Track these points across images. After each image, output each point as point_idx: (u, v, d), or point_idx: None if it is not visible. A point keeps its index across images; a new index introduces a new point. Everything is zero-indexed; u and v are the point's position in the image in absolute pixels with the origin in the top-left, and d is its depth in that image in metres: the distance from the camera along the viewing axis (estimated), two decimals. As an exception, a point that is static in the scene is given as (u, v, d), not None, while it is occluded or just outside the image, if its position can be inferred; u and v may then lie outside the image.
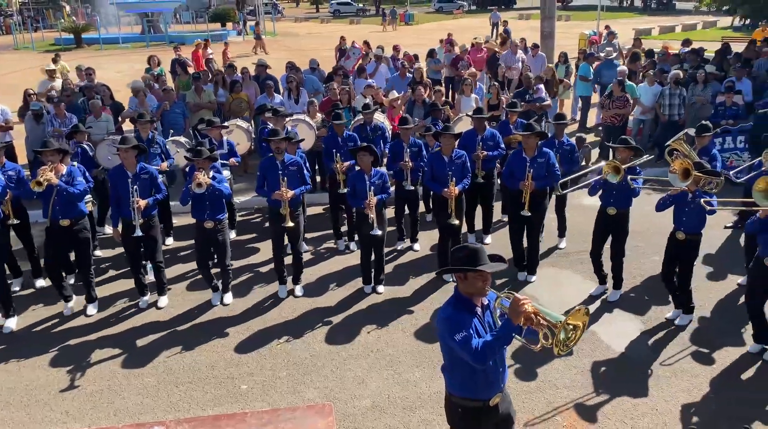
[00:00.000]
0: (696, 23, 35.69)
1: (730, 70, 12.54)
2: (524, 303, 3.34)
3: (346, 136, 8.42)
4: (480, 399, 3.73)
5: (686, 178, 5.96)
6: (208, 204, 6.83)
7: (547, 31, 16.94)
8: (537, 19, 17.94)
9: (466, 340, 3.42)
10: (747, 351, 6.01)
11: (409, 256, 8.41)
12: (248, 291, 7.56)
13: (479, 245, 3.62)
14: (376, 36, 31.46)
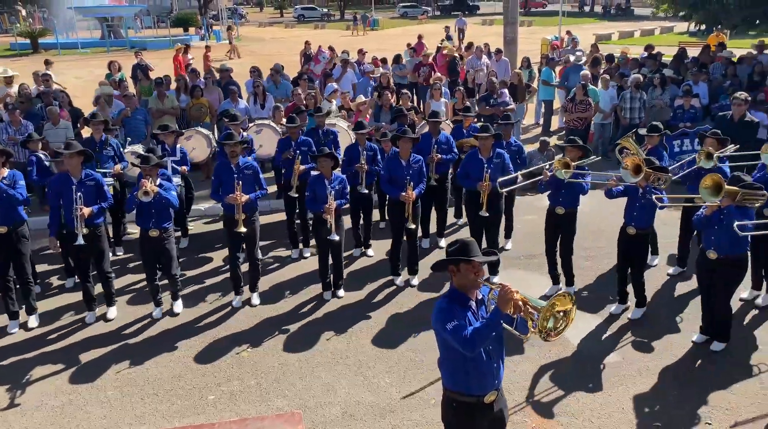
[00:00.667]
0: (654, 28, 36.66)
1: (687, 74, 12.88)
2: (513, 291, 3.40)
3: (300, 140, 8.36)
4: (474, 395, 3.72)
5: (637, 174, 6.12)
6: (153, 212, 6.66)
7: (510, 36, 17.16)
8: (500, 25, 18.17)
9: (457, 328, 3.47)
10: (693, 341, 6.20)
11: (363, 261, 8.38)
12: (206, 299, 7.44)
13: (471, 239, 3.70)
14: (344, 41, 31.43)
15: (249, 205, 7.02)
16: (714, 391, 5.50)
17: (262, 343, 6.49)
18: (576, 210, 6.93)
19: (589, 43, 22.72)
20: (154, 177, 6.66)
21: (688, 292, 7.16)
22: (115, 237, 8.75)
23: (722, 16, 13.07)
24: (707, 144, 6.94)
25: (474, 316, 3.63)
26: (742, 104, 9.05)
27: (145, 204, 6.56)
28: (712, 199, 5.56)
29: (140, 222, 6.79)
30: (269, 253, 8.70)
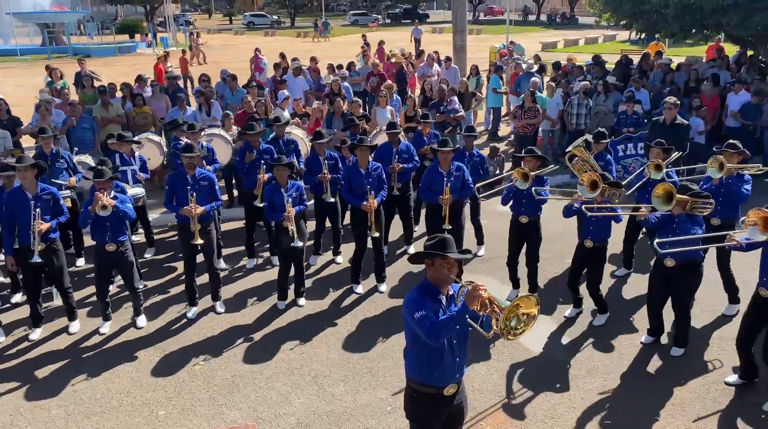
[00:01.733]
0: (597, 37, 37.83)
1: (630, 81, 13.31)
2: (481, 289, 3.53)
3: (262, 148, 8.28)
4: (434, 386, 3.86)
5: (594, 190, 6.25)
6: (109, 225, 6.47)
7: (459, 44, 17.44)
8: (450, 33, 18.41)
9: (423, 318, 3.63)
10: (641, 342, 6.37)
11: (329, 269, 8.34)
12: (162, 311, 7.25)
13: (449, 236, 3.84)
14: (299, 48, 31.24)
15: (204, 216, 6.89)
16: (664, 389, 5.66)
17: (217, 355, 6.36)
18: (539, 218, 7.02)
19: (535, 51, 23.30)
20: (108, 190, 6.46)
21: (636, 294, 7.35)
22: (75, 248, 8.49)
23: (660, 25, 13.58)
24: (653, 154, 7.14)
25: (443, 310, 3.76)
26: (672, 108, 9.43)
27: (101, 217, 6.36)
28: (664, 207, 5.70)
29: (96, 236, 6.57)
30: (236, 262, 8.56)
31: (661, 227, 5.89)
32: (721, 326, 6.66)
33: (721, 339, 6.37)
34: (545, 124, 12.25)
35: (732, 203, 6.63)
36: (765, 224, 4.92)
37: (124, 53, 35.79)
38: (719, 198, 6.54)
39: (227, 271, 8.28)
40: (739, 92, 11.76)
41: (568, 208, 6.46)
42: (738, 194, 6.56)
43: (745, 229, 5.09)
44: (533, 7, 62.96)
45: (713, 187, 6.62)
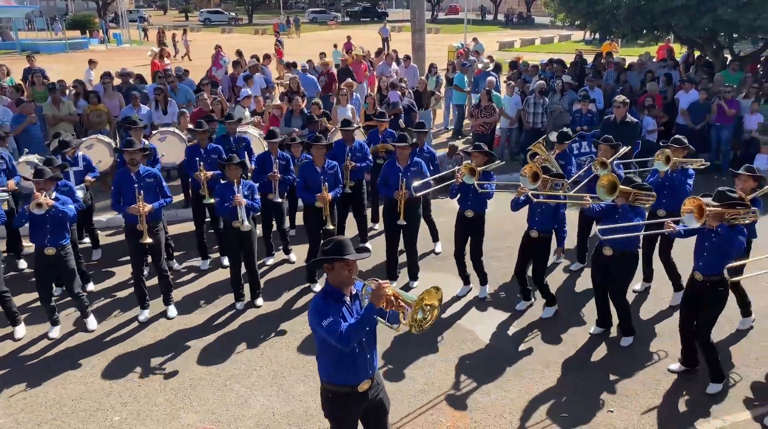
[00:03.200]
0: (553, 36, 38.53)
1: (584, 80, 13.60)
2: (385, 287, 3.57)
3: (210, 147, 8.15)
4: (348, 384, 3.90)
5: (535, 181, 6.40)
6: (48, 227, 6.27)
7: (418, 43, 17.49)
8: (409, 32, 18.46)
9: (332, 325, 3.64)
10: (590, 333, 6.53)
11: (282, 269, 8.27)
12: (115, 314, 7.10)
13: (345, 238, 3.85)
14: (257, 45, 30.84)
15: (152, 215, 6.75)
16: (615, 380, 5.82)
17: (173, 358, 6.25)
18: (484, 213, 7.14)
19: (493, 50, 23.63)
20: (49, 190, 6.26)
21: (589, 287, 7.50)
22: (13, 251, 8.23)
23: (613, 26, 13.91)
24: (601, 151, 7.33)
25: (348, 310, 3.80)
26: (621, 107, 9.69)
27: (40, 219, 6.16)
28: (608, 197, 5.88)
29: (35, 239, 6.36)
30: (184, 262, 8.42)
31: (604, 216, 6.06)
32: (668, 317, 6.86)
33: (668, 330, 6.56)
34: (504, 123, 12.41)
35: (676, 196, 6.83)
36: (700, 212, 5.13)
37: (76, 50, 34.78)
38: (664, 191, 6.80)
39: (180, 271, 8.13)
40: (689, 91, 12.14)
41: (515, 201, 6.62)
42: (682, 188, 6.80)
43: (683, 217, 5.28)
44: (491, 7, 63.67)
45: (659, 180, 6.85)
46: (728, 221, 5.25)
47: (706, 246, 5.37)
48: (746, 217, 5.31)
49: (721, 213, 5.20)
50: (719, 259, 5.27)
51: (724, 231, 5.22)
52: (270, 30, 44.29)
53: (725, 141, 11.75)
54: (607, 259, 6.09)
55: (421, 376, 5.89)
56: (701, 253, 5.42)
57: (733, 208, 5.24)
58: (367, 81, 15.64)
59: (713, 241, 5.29)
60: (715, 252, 5.29)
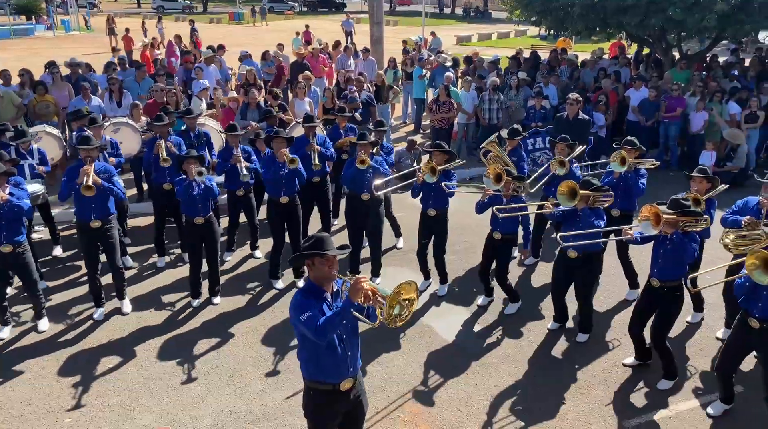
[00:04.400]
0: (509, 31, 38.93)
1: (536, 76, 13.83)
2: (363, 281, 3.57)
3: (172, 141, 7.99)
4: (329, 382, 3.89)
5: (498, 183, 6.50)
6: (4, 224, 6.06)
7: (376, 36, 17.44)
8: (367, 24, 18.40)
9: (310, 318, 3.64)
10: (548, 328, 6.69)
11: (247, 264, 8.20)
12: (67, 313, 6.91)
13: (326, 234, 3.84)
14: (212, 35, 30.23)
15: (104, 211, 6.59)
16: (569, 373, 5.98)
17: (127, 357, 6.13)
18: (447, 211, 7.19)
19: (450, 44, 23.76)
20: (2, 185, 6.04)
21: (544, 282, 7.67)
22: None
23: (567, 23, 14.16)
24: (558, 149, 7.48)
25: (329, 307, 3.80)
26: (574, 104, 9.89)
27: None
28: (568, 203, 5.98)
29: None
30: (144, 259, 8.24)
31: (565, 220, 6.19)
32: (622, 310, 7.07)
33: (623, 324, 6.76)
34: (461, 118, 12.52)
35: (630, 196, 7.06)
36: (657, 219, 5.27)
37: (21, 36, 33.47)
38: (618, 191, 6.96)
39: (134, 268, 7.96)
40: (639, 89, 12.48)
41: (479, 204, 6.69)
42: (635, 187, 7.00)
43: (640, 224, 5.42)
44: (448, 0, 63.93)
45: (614, 180, 7.02)
46: (682, 228, 5.38)
47: (661, 253, 5.48)
48: (698, 224, 5.46)
49: (675, 220, 5.32)
50: (674, 265, 5.44)
51: (678, 238, 5.33)
52: (225, 19, 43.57)
53: (673, 138, 12.14)
54: (573, 262, 6.19)
55: (379, 372, 5.93)
56: (657, 259, 5.54)
57: (687, 215, 5.38)
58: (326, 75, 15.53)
59: (668, 247, 5.40)
60: (670, 258, 5.42)
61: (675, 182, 9.65)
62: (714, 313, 6.86)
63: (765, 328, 4.82)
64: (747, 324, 4.94)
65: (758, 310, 4.82)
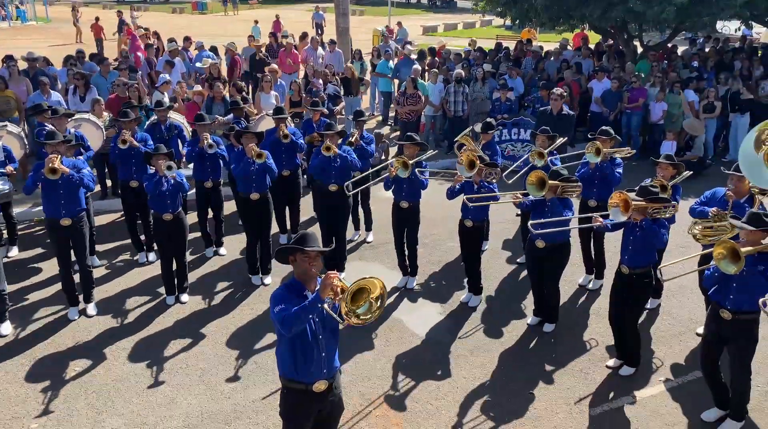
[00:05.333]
0: (475, 21, 39.05)
1: (500, 67, 13.94)
2: (333, 277, 3.58)
3: (137, 136, 7.87)
4: (303, 382, 3.87)
5: (471, 169, 6.58)
6: None
7: (342, 27, 17.35)
8: (332, 13, 18.28)
9: (281, 310, 3.65)
10: (528, 324, 6.76)
11: (216, 262, 8.14)
12: (30, 315, 6.77)
13: (310, 232, 3.87)
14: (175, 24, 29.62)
15: (75, 209, 6.47)
16: (536, 363, 6.09)
17: (94, 360, 6.04)
18: (419, 203, 7.24)
19: (416, 34, 23.73)
20: None
21: (523, 276, 7.73)
22: None
23: (532, 14, 14.32)
24: (538, 142, 7.57)
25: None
26: (558, 99, 9.95)
27: None
28: (537, 193, 6.06)
29: None
30: (113, 258, 8.11)
31: (534, 210, 6.29)
32: (591, 299, 7.23)
33: (591, 313, 6.93)
34: (428, 110, 12.56)
35: (606, 185, 7.13)
36: (626, 206, 5.39)
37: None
38: (595, 181, 7.11)
39: (102, 266, 7.85)
40: (602, 80, 12.69)
41: (451, 190, 6.78)
42: (612, 177, 7.11)
43: (609, 211, 5.53)
44: (415, -11, 63.75)
45: (590, 171, 7.12)
46: (651, 215, 5.48)
47: (631, 240, 5.60)
48: (667, 211, 5.58)
49: (644, 207, 5.44)
50: (644, 252, 5.57)
51: (648, 225, 5.44)
52: (188, 9, 42.77)
53: (635, 128, 12.39)
54: (541, 251, 6.30)
55: (349, 368, 5.97)
56: (627, 246, 5.66)
57: (655, 202, 5.50)
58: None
59: (637, 234, 5.52)
60: (640, 245, 5.54)
61: (638, 171, 9.84)
62: (673, 301, 7.07)
63: (737, 319, 4.85)
64: (718, 315, 4.95)
65: (729, 302, 4.85)
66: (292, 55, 14.48)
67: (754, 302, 4.60)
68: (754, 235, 4.70)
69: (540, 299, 6.68)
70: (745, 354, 5.00)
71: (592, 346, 6.37)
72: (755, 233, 4.68)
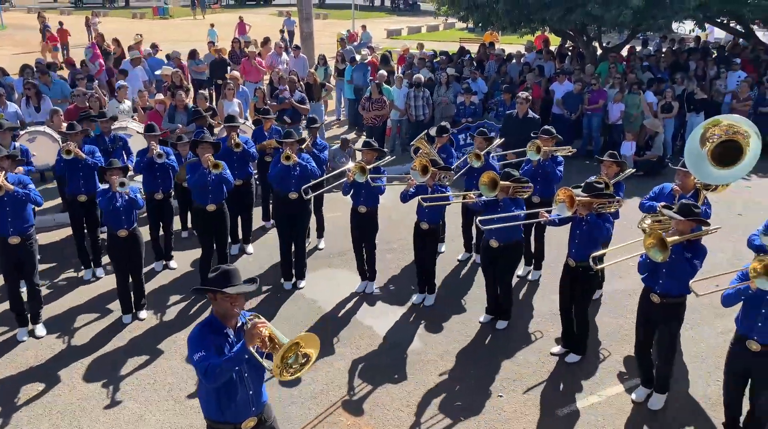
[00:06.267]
0: (438, 24, 39.32)
1: (467, 72, 14.08)
2: (260, 327, 3.42)
3: (84, 149, 7.63)
4: (229, 422, 3.69)
5: (425, 174, 6.66)
6: None
7: (306, 32, 17.31)
8: (296, 17, 18.21)
9: (201, 359, 3.44)
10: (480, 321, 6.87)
11: (167, 275, 7.98)
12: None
13: (233, 268, 3.65)
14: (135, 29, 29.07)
15: (22, 226, 6.32)
16: (503, 365, 6.18)
17: (57, 379, 5.92)
18: (377, 208, 7.30)
19: (381, 37, 23.80)
20: None
21: (478, 276, 7.87)
22: None
23: (493, 18, 14.50)
24: (476, 143, 7.73)
25: (230, 344, 3.60)
26: (524, 103, 10.05)
27: None
28: (490, 193, 6.18)
29: None
30: (56, 276, 7.90)
31: (487, 210, 6.41)
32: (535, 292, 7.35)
33: (548, 312, 7.05)
34: (394, 115, 12.60)
35: (549, 183, 7.40)
36: (571, 201, 5.57)
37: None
38: (538, 178, 7.31)
39: (45, 287, 7.55)
40: (563, 82, 12.91)
41: (404, 194, 6.87)
42: (553, 175, 7.35)
43: (556, 206, 5.70)
44: (378, -8, 63.89)
45: (533, 169, 7.33)
46: (596, 210, 5.72)
47: (577, 234, 5.84)
48: (612, 206, 5.82)
49: (589, 202, 5.68)
50: (589, 246, 5.74)
51: (593, 219, 5.69)
52: (149, 14, 42.15)
53: (596, 128, 12.64)
54: (495, 251, 6.44)
55: (319, 377, 5.96)
56: (573, 240, 5.90)
57: (600, 197, 5.70)
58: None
59: (583, 228, 5.76)
60: (585, 239, 5.77)
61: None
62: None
63: (665, 303, 5.17)
64: (649, 299, 5.28)
65: (659, 287, 5.17)
66: (256, 63, 14.35)
67: (682, 287, 5.05)
68: (684, 225, 4.97)
69: (493, 297, 6.80)
70: (672, 335, 5.35)
71: (538, 338, 6.58)
72: (684, 223, 4.96)
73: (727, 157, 5.35)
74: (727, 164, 5.39)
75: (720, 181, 5.70)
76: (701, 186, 6.07)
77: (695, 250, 4.99)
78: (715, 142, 5.39)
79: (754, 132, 5.27)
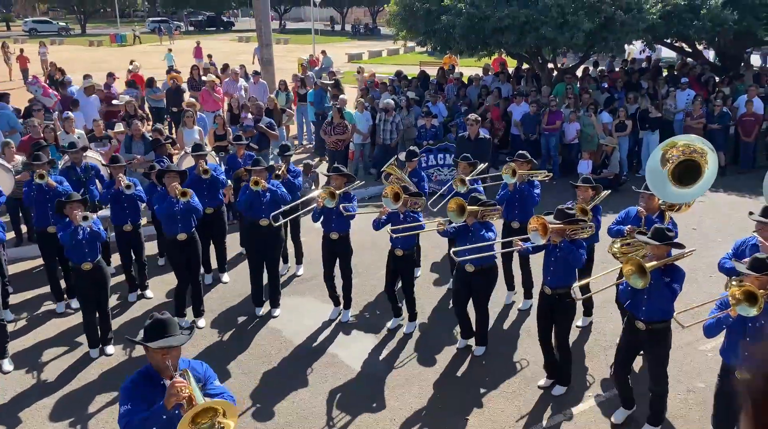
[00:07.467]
0: (399, 48, 39.87)
1: (426, 95, 14.27)
2: (180, 387, 3.31)
3: (53, 179, 7.51)
4: None
5: (397, 201, 6.65)
6: None
7: (266, 58, 17.35)
8: (256, 42, 18.24)
9: (124, 413, 3.36)
10: (456, 348, 6.82)
11: (142, 305, 7.84)
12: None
13: (167, 316, 3.57)
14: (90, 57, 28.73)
15: None
16: (471, 388, 6.16)
17: (14, 422, 5.68)
18: (348, 233, 7.25)
19: (342, 62, 23.99)
20: None
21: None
22: None
23: (450, 43, 14.77)
24: (460, 169, 7.73)
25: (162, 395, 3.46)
26: (474, 124, 10.23)
27: None
28: (458, 219, 6.18)
29: None
30: (27, 310, 7.66)
31: (458, 236, 6.42)
32: (525, 320, 7.37)
33: (520, 335, 7.09)
34: (357, 138, 12.66)
35: (527, 207, 7.37)
36: (544, 229, 5.57)
37: None
38: (516, 203, 7.33)
39: (14, 321, 7.38)
40: (520, 104, 13.18)
41: (376, 221, 6.82)
42: (530, 198, 7.35)
43: (529, 235, 5.70)
44: (338, 17, 64.57)
45: (509, 193, 7.32)
46: (569, 236, 5.69)
47: (552, 261, 5.78)
48: (585, 231, 5.81)
49: (562, 229, 5.64)
50: (564, 273, 5.75)
51: (566, 246, 5.63)
52: (106, 41, 41.79)
53: (554, 148, 12.91)
54: (469, 275, 6.40)
55: (287, 408, 5.86)
56: (548, 267, 5.83)
57: (572, 224, 5.71)
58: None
59: (558, 255, 5.70)
60: (560, 266, 5.73)
61: (559, 189, 10.26)
62: (598, 315, 7.33)
63: (650, 329, 5.13)
64: (634, 326, 5.22)
65: (642, 313, 5.11)
66: (216, 92, 14.27)
67: (665, 312, 5.04)
68: (659, 250, 5.02)
69: (466, 322, 6.76)
70: (662, 360, 5.29)
71: (524, 367, 6.51)
72: (660, 248, 5.00)
73: (688, 176, 5.50)
74: (687, 183, 5.54)
75: (683, 199, 5.84)
76: (666, 207, 6.18)
77: (673, 274, 4.99)
78: (674, 162, 5.54)
79: (709, 148, 5.44)
